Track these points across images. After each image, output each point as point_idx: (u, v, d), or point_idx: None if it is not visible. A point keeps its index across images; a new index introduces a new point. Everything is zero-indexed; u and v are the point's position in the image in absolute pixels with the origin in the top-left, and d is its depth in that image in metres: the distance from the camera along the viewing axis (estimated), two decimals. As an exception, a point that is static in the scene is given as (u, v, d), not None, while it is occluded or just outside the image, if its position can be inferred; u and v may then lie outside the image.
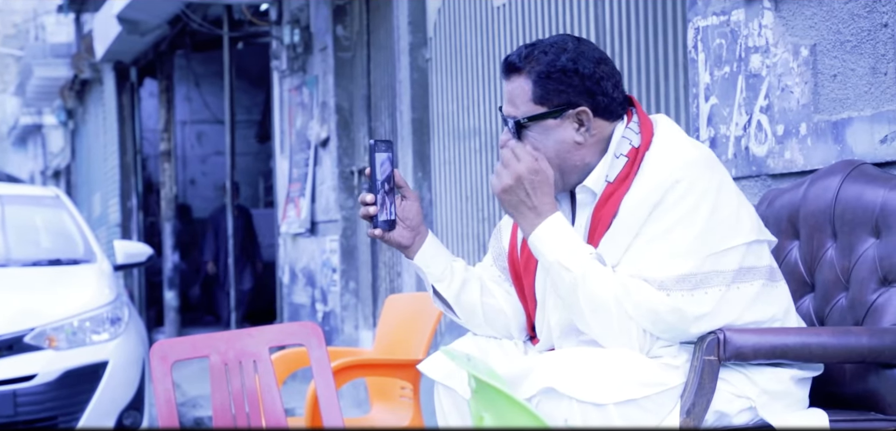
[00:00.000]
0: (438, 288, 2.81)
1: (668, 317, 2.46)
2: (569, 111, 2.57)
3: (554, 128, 2.58)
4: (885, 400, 2.67)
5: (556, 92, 2.57)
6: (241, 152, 13.21)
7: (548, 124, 2.57)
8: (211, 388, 3.59)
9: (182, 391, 8.61)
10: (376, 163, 2.64)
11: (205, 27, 10.31)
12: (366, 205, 2.69)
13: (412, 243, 2.80)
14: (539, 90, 2.57)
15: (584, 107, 2.56)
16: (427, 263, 2.80)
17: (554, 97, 2.57)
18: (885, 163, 2.96)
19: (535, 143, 2.58)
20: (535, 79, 2.57)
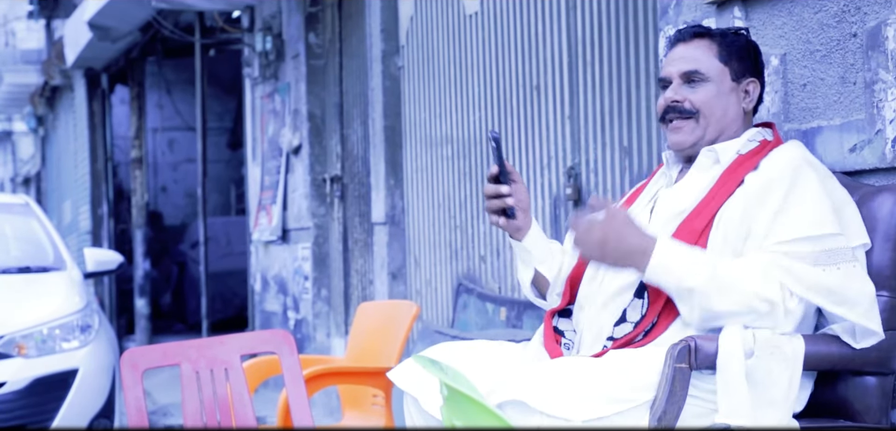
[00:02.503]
0: (541, 269, 2.99)
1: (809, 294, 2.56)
2: (744, 79, 2.85)
3: (727, 89, 2.84)
4: (853, 407, 2.69)
5: (739, 59, 2.85)
6: (213, 159, 13.16)
7: (725, 83, 2.83)
8: (182, 396, 3.58)
9: (153, 399, 8.58)
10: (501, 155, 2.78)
11: (176, 34, 10.27)
12: (502, 197, 2.87)
13: (524, 225, 2.97)
14: (725, 52, 2.84)
15: (754, 80, 2.87)
16: (535, 244, 2.97)
17: (736, 62, 2.84)
18: (855, 172, 2.98)
19: (708, 95, 2.81)
20: (721, 43, 2.85)
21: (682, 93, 2.84)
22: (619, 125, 4.63)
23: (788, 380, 2.53)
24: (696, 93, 2.83)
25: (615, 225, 2.60)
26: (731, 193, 2.70)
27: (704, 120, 2.82)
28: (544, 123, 5.16)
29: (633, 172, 4.53)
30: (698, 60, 2.84)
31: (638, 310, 2.69)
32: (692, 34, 2.88)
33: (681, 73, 2.85)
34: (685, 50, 2.87)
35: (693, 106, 2.83)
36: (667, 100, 2.86)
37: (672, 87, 2.86)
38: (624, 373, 2.53)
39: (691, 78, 2.84)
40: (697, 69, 2.83)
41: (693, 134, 2.83)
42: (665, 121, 2.89)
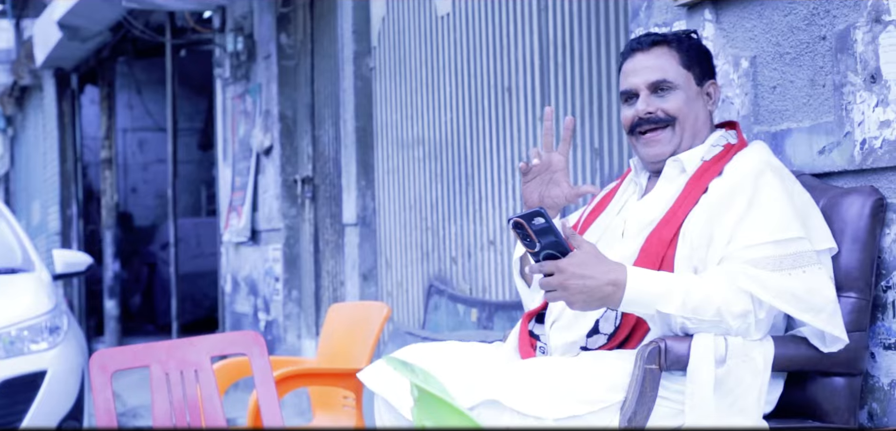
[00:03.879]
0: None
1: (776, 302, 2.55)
2: (706, 81, 2.88)
3: (694, 95, 2.85)
4: (822, 408, 2.71)
5: (699, 62, 2.87)
6: (184, 160, 13.12)
7: (691, 88, 2.85)
8: (152, 398, 3.56)
9: (122, 401, 8.53)
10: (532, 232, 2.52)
11: (147, 34, 10.23)
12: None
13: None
14: (686, 58, 2.85)
15: (713, 82, 2.90)
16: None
17: (697, 67, 2.86)
18: (824, 174, 3.00)
19: (680, 102, 2.82)
20: (681, 48, 2.85)
21: (653, 104, 2.83)
22: (591, 126, 4.64)
23: (759, 389, 2.54)
24: (668, 102, 2.82)
25: (589, 271, 2.51)
26: (696, 202, 2.69)
27: (680, 127, 2.82)
28: (516, 125, 5.17)
29: (604, 173, 4.55)
30: (664, 69, 2.83)
31: (611, 322, 2.69)
32: (651, 43, 2.87)
33: (648, 83, 2.83)
34: (647, 59, 2.85)
35: (667, 114, 2.81)
36: (638, 112, 2.83)
37: (642, 99, 2.84)
38: (597, 374, 2.53)
39: (660, 87, 2.83)
40: (665, 77, 2.82)
41: (671, 143, 2.82)
42: (635, 133, 2.87)
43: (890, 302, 2.80)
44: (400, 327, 6.18)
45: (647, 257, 2.65)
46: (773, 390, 2.65)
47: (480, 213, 5.47)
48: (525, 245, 2.55)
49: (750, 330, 2.54)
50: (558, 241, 2.51)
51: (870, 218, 2.76)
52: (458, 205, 5.67)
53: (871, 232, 2.75)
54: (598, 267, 2.53)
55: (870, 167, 2.86)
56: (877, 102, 2.83)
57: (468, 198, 5.58)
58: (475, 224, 5.52)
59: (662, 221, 2.71)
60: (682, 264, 2.63)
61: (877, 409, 2.84)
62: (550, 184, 2.95)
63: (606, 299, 2.54)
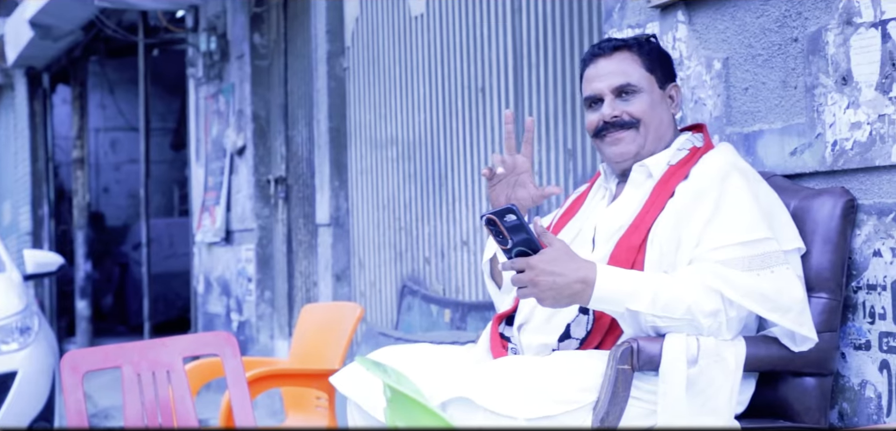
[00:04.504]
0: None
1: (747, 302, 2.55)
2: (668, 84, 2.89)
3: (658, 98, 2.86)
4: (793, 408, 2.72)
5: (660, 66, 2.88)
6: (156, 160, 13.06)
7: (655, 92, 2.85)
8: (123, 399, 3.54)
9: (93, 402, 8.49)
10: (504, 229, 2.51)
11: (119, 33, 10.18)
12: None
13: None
14: (648, 61, 2.86)
15: (675, 85, 2.91)
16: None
17: (658, 70, 2.87)
18: (795, 175, 3.01)
19: (644, 105, 2.82)
20: (642, 52, 2.86)
21: (618, 107, 2.83)
22: (564, 127, 4.65)
23: (730, 389, 2.55)
24: (632, 105, 2.83)
25: (559, 268, 2.53)
26: (664, 206, 2.70)
27: (645, 128, 2.82)
28: (489, 125, 5.17)
29: (577, 174, 4.55)
30: (627, 73, 2.84)
31: (582, 327, 2.70)
32: (612, 48, 2.87)
33: (612, 88, 2.84)
34: (610, 64, 2.85)
35: (632, 116, 2.82)
36: (603, 116, 2.84)
37: (607, 103, 2.84)
38: (569, 374, 2.54)
39: (624, 91, 2.83)
40: (629, 82, 2.83)
41: (635, 143, 2.83)
42: (600, 136, 2.88)
43: (860, 302, 2.82)
44: (373, 327, 6.17)
45: (617, 264, 2.66)
46: (744, 390, 2.66)
47: (454, 214, 5.47)
48: (498, 242, 2.56)
49: (721, 329, 2.55)
50: (530, 239, 2.52)
51: (841, 219, 2.77)
52: (432, 206, 5.67)
53: (842, 233, 2.77)
54: (568, 264, 2.53)
55: (841, 168, 2.88)
56: (848, 104, 2.85)
57: (441, 199, 5.58)
58: (448, 224, 5.52)
59: (631, 227, 2.72)
60: (651, 269, 2.64)
61: (847, 409, 2.86)
62: (516, 186, 2.95)
63: (576, 296, 2.55)
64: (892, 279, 2.74)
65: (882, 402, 2.76)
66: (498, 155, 2.96)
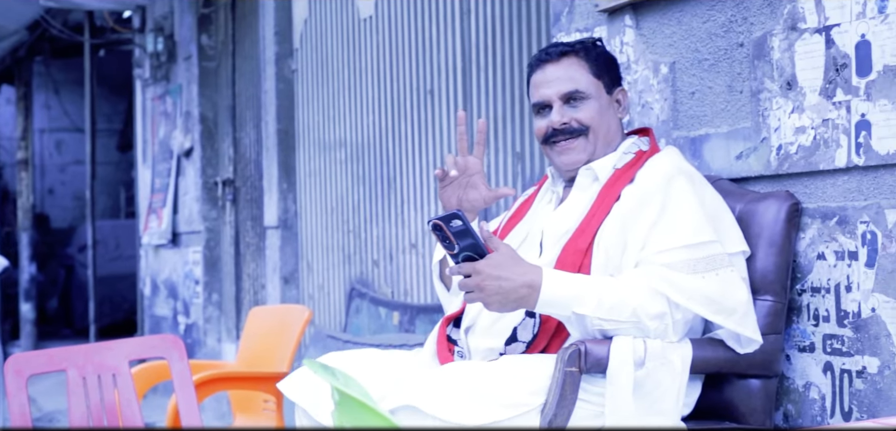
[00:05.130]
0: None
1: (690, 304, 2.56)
2: (615, 89, 2.90)
3: (606, 103, 2.87)
4: (739, 409, 2.74)
5: (607, 70, 2.90)
6: (102, 161, 12.95)
7: (603, 98, 2.87)
8: (68, 403, 3.51)
9: (38, 406, 8.40)
10: (450, 234, 2.51)
11: (65, 33, 10.09)
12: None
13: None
14: (595, 67, 2.87)
15: (622, 90, 2.92)
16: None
17: (606, 75, 2.89)
18: (741, 179, 3.04)
19: (593, 112, 2.83)
20: (589, 57, 2.87)
21: (567, 114, 2.84)
22: (512, 130, 4.66)
23: (677, 391, 2.56)
24: (580, 111, 2.83)
25: (505, 272, 2.54)
26: (609, 210, 2.71)
27: (593, 135, 2.84)
28: (438, 128, 5.18)
29: (525, 177, 4.57)
30: (575, 79, 2.84)
31: (529, 330, 2.70)
32: (559, 53, 2.88)
33: (560, 95, 2.85)
34: (558, 70, 2.86)
35: (581, 123, 2.83)
36: (553, 123, 2.85)
37: (556, 110, 2.85)
38: (517, 378, 2.54)
39: (572, 97, 2.84)
40: (577, 88, 2.84)
41: (585, 151, 2.84)
42: (549, 143, 2.89)
43: (805, 305, 2.85)
44: (321, 330, 6.16)
45: (564, 268, 2.67)
46: (690, 392, 2.68)
47: (402, 216, 5.47)
48: (444, 247, 2.56)
49: (667, 331, 2.56)
50: (476, 243, 2.52)
51: (785, 222, 2.80)
52: (381, 208, 5.67)
53: (787, 236, 2.80)
54: (514, 268, 2.54)
55: (786, 172, 2.91)
56: (792, 108, 2.88)
57: (390, 201, 5.58)
58: (397, 227, 5.52)
59: (577, 231, 2.73)
60: (598, 272, 2.65)
61: (792, 410, 2.89)
62: (468, 188, 2.95)
63: (522, 300, 2.56)
64: (835, 282, 2.77)
65: (826, 403, 2.80)
66: (451, 156, 2.96)
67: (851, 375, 2.74)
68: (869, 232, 2.69)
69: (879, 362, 2.66)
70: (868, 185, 2.71)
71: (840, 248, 2.76)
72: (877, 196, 2.68)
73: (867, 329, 2.70)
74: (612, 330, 2.56)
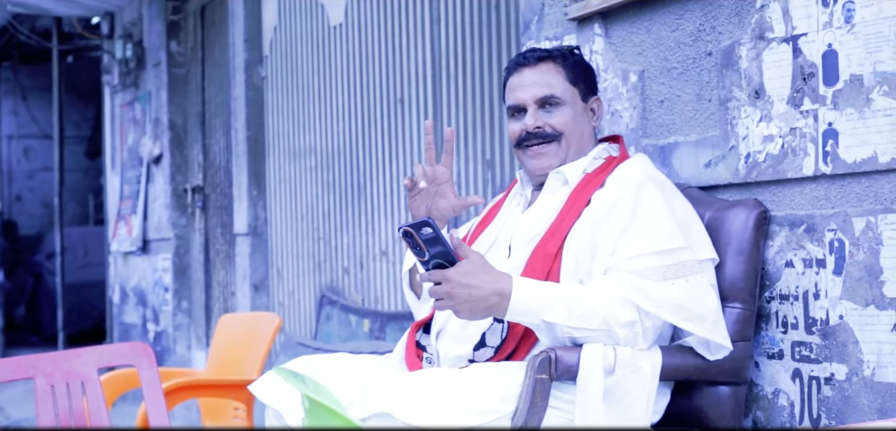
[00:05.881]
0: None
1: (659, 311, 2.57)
2: (590, 97, 2.92)
3: (580, 110, 2.90)
4: (708, 416, 2.76)
5: (584, 78, 2.92)
6: (70, 168, 12.88)
7: (577, 104, 2.89)
8: (36, 411, 3.49)
9: (5, 414, 8.35)
10: (420, 242, 2.52)
11: (33, 39, 10.03)
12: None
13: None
14: (572, 74, 2.89)
15: (598, 98, 2.95)
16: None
17: (581, 82, 2.91)
18: (709, 187, 3.06)
19: (567, 118, 2.86)
20: (566, 64, 2.89)
21: (541, 119, 2.86)
22: (482, 138, 4.67)
23: (647, 398, 2.57)
24: (555, 117, 2.85)
25: (474, 281, 2.54)
26: (580, 214, 2.72)
27: (566, 141, 2.85)
28: (408, 135, 5.18)
29: (495, 184, 4.58)
30: (552, 84, 2.86)
31: (498, 335, 2.71)
32: (537, 58, 2.89)
33: (536, 99, 2.86)
34: (535, 75, 2.87)
35: (554, 129, 2.85)
36: (526, 127, 2.86)
37: (530, 114, 2.86)
38: (488, 385, 2.54)
39: (547, 102, 2.86)
40: (553, 93, 2.85)
41: (556, 157, 2.86)
42: (522, 146, 2.90)
43: (773, 312, 2.87)
44: (292, 338, 6.15)
45: (533, 271, 2.67)
46: (660, 399, 2.69)
47: (372, 224, 5.47)
48: (415, 254, 2.57)
49: (637, 339, 2.57)
50: (446, 251, 2.53)
51: (754, 230, 2.82)
52: (351, 216, 5.67)
53: (755, 244, 2.82)
54: (484, 276, 2.55)
55: (754, 180, 2.93)
56: (760, 117, 2.90)
57: (360, 209, 5.57)
58: (367, 234, 5.52)
59: (546, 235, 2.73)
60: (567, 277, 2.66)
61: (761, 417, 2.91)
62: (437, 196, 2.95)
63: (492, 309, 2.56)
64: (803, 289, 2.79)
65: (795, 410, 2.82)
66: (420, 166, 2.96)
67: (820, 382, 2.76)
68: (836, 240, 2.71)
69: (847, 369, 2.69)
70: (835, 193, 2.73)
71: (808, 256, 2.78)
72: (844, 204, 2.70)
73: (835, 336, 2.72)
74: (582, 338, 2.57)
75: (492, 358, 2.69)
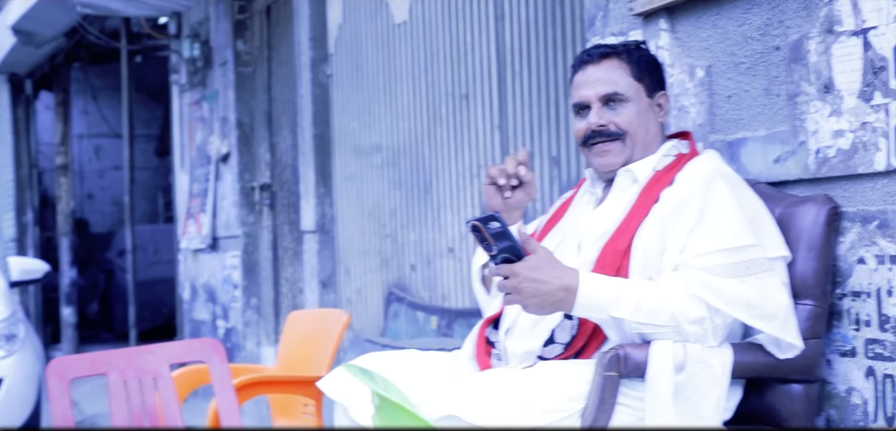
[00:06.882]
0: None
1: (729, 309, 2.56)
2: (656, 93, 2.89)
3: (646, 107, 2.87)
4: (780, 414, 2.74)
5: (649, 74, 2.89)
6: (140, 166, 13.05)
7: (643, 101, 2.86)
8: (110, 406, 3.55)
9: (80, 409, 8.47)
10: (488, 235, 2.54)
11: (102, 40, 10.16)
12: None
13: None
14: (637, 69, 2.86)
15: (664, 93, 2.91)
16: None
17: (647, 78, 2.88)
18: (779, 183, 3.03)
19: (631, 116, 2.83)
20: (631, 60, 2.86)
21: (605, 116, 2.85)
22: (548, 134, 4.67)
23: (718, 396, 2.56)
24: (619, 115, 2.84)
25: (542, 275, 2.55)
26: (648, 212, 2.72)
27: (631, 140, 2.84)
28: (474, 132, 5.18)
29: (562, 181, 4.57)
30: (615, 82, 2.85)
31: (567, 332, 2.71)
32: (601, 55, 2.88)
33: (600, 96, 2.85)
34: (598, 71, 2.86)
35: (619, 127, 2.84)
36: (591, 125, 2.86)
37: (594, 112, 2.86)
38: (557, 384, 2.55)
39: (611, 100, 2.85)
40: (617, 91, 2.84)
41: (621, 155, 2.85)
42: (587, 145, 2.90)
43: (846, 309, 2.84)
44: (360, 334, 6.18)
45: (603, 268, 2.67)
46: (731, 397, 2.67)
47: (439, 220, 5.49)
48: (483, 248, 2.59)
49: (707, 336, 2.56)
50: (514, 246, 2.54)
51: (825, 226, 2.79)
52: (417, 212, 5.68)
53: (826, 240, 2.79)
54: (551, 271, 2.55)
55: (824, 176, 2.90)
56: (830, 112, 2.87)
57: (427, 205, 5.59)
58: (434, 231, 5.53)
59: (616, 232, 2.73)
60: (636, 274, 2.66)
61: (834, 416, 2.88)
62: (515, 190, 2.98)
63: (559, 304, 2.57)
64: (876, 286, 2.76)
65: (868, 408, 2.78)
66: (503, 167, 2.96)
67: (894, 380, 2.72)
68: (908, 236, 2.68)
69: (920, 365, 2.65)
70: (907, 188, 2.69)
71: (881, 252, 2.75)
72: (916, 199, 2.67)
73: (907, 332, 2.68)
74: (650, 334, 2.56)
75: (561, 354, 2.69)
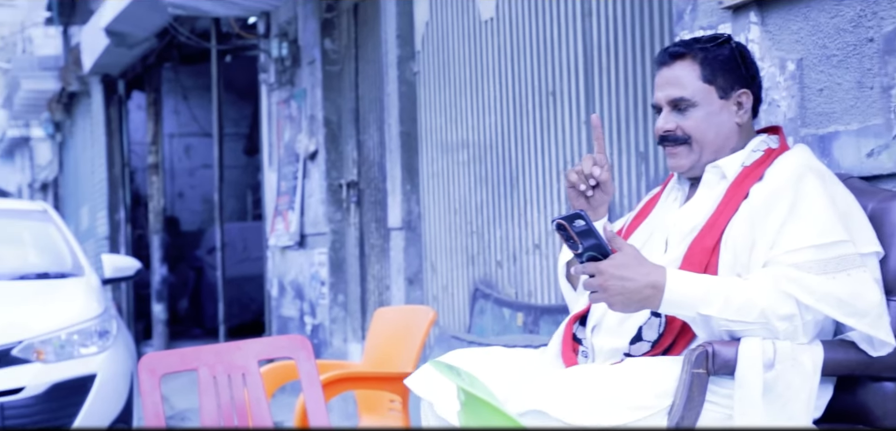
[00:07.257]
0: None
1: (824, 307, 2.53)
2: (732, 93, 2.79)
3: (717, 109, 2.79)
4: (873, 413, 2.68)
5: (724, 73, 2.80)
6: (229, 165, 13.20)
7: (713, 104, 2.79)
8: (200, 401, 3.59)
9: (170, 404, 8.59)
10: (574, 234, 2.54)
11: (192, 40, 10.30)
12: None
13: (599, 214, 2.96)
14: (708, 70, 2.79)
15: (745, 91, 2.81)
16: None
17: (721, 78, 2.80)
18: (872, 177, 2.98)
19: (698, 120, 2.78)
20: (703, 60, 2.80)
21: (672, 121, 2.82)
22: (635, 130, 4.63)
23: (808, 393, 2.52)
24: (686, 120, 2.80)
25: (628, 273, 2.53)
26: (737, 208, 2.68)
27: (697, 144, 2.80)
28: (560, 128, 5.16)
29: (649, 177, 4.54)
30: (683, 85, 2.80)
31: (654, 329, 2.69)
32: (671, 56, 2.84)
33: (668, 100, 2.83)
34: (669, 74, 2.83)
35: (684, 133, 2.81)
36: (659, 129, 2.84)
37: (663, 116, 2.84)
38: (644, 380, 2.53)
39: (678, 104, 2.81)
40: (683, 95, 2.80)
41: (688, 158, 2.82)
42: (662, 144, 2.88)
43: (940, 305, 2.78)
44: (446, 331, 6.19)
45: (691, 265, 2.65)
46: (822, 395, 2.63)
47: (525, 217, 5.47)
48: (569, 246, 2.57)
49: (797, 333, 2.53)
50: (600, 243, 2.53)
51: (919, 221, 2.73)
52: (503, 209, 5.68)
53: (921, 236, 2.73)
54: (638, 269, 2.53)
55: (919, 169, 2.84)
56: (925, 104, 2.81)
57: (513, 202, 5.58)
58: (520, 227, 5.52)
59: (704, 229, 2.70)
60: (725, 271, 2.63)
61: (927, 413, 2.82)
62: (596, 190, 2.95)
63: (646, 301, 2.55)
64: (972, 281, 2.70)
65: (962, 406, 2.72)
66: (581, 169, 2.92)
67: None
68: None
69: None
70: None
71: (977, 247, 2.69)
72: None
73: None
74: (739, 331, 2.53)
75: (648, 352, 2.67)
